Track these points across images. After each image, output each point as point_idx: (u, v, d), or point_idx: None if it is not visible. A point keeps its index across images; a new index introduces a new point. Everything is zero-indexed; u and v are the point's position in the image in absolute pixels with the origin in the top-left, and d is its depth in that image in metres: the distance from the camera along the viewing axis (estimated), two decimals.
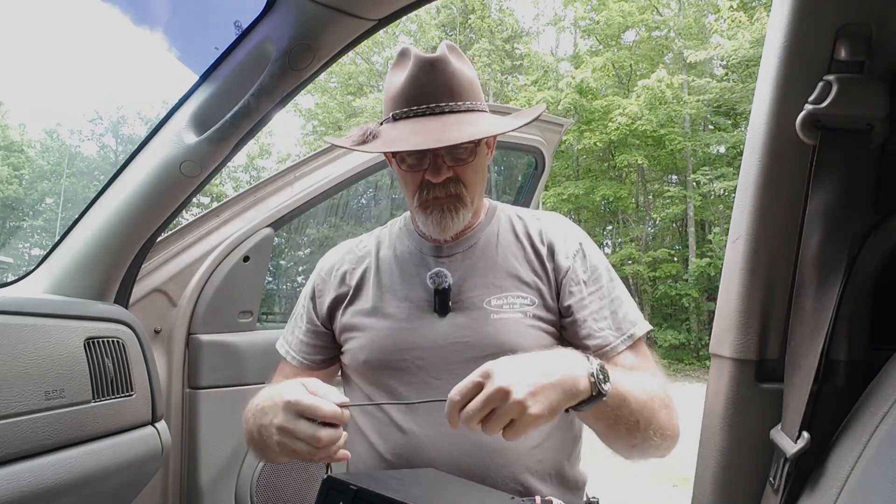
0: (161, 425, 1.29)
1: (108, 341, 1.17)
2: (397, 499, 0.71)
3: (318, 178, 1.77)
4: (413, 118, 0.99)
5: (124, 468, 1.15)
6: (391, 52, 19.40)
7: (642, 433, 0.91)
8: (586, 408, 0.83)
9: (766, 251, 0.72)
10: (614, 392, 0.84)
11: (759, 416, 0.72)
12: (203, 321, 1.62)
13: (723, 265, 0.78)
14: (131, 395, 1.20)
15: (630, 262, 14.85)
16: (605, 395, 0.82)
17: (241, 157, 22.49)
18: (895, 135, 0.65)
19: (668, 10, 16.93)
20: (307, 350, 1.14)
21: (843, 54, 0.65)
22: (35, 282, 1.26)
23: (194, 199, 1.36)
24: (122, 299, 1.36)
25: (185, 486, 1.59)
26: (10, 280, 1.29)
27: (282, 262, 2.95)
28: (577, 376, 0.81)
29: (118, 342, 1.20)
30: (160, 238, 1.46)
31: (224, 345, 1.63)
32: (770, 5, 0.72)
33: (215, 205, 1.77)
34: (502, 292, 1.04)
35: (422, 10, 17.42)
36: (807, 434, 0.63)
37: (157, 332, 1.58)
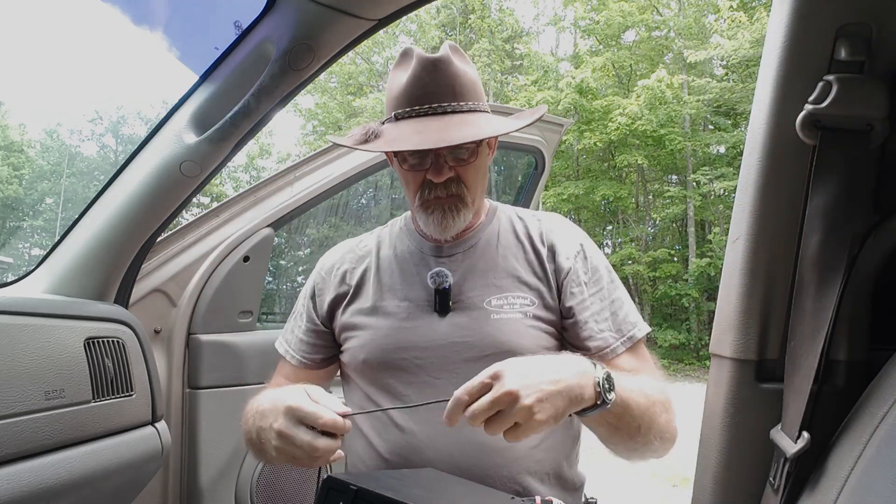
0: (161, 425, 1.29)
1: (108, 341, 1.17)
2: (397, 499, 0.71)
3: (318, 178, 1.77)
4: (415, 118, 0.99)
5: (124, 468, 1.15)
6: (391, 52, 19.40)
7: (643, 437, 0.92)
8: (590, 414, 0.83)
9: (766, 251, 0.72)
10: (618, 400, 0.84)
11: (759, 416, 0.72)
12: (203, 321, 1.62)
13: (723, 265, 0.78)
14: (131, 395, 1.20)
15: (630, 262, 14.85)
16: (609, 404, 0.83)
17: (241, 157, 22.50)
18: (895, 135, 0.65)
19: (668, 10, 16.93)
20: (307, 349, 1.14)
21: (843, 54, 0.65)
22: (35, 282, 1.26)
23: (194, 199, 1.36)
24: (122, 299, 1.36)
25: (185, 486, 1.59)
26: (10, 280, 1.29)
27: (282, 262, 2.95)
28: (584, 384, 0.81)
29: (118, 342, 1.20)
30: (160, 238, 1.47)
31: (224, 345, 1.63)
32: (770, 5, 0.72)
33: (215, 205, 1.77)
34: (502, 292, 1.04)
35: (422, 10, 17.41)
36: (807, 434, 0.63)
37: (157, 332, 1.58)
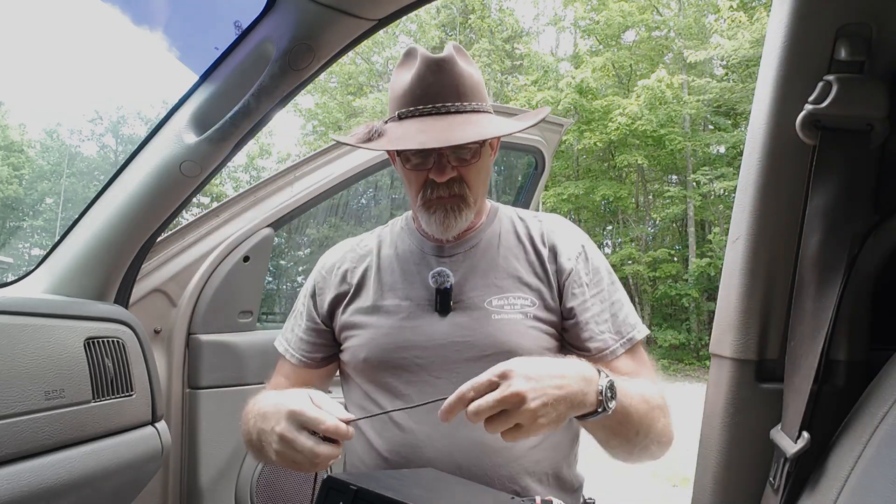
0: (161, 425, 1.29)
1: (108, 341, 1.17)
2: (397, 499, 0.71)
3: (318, 178, 1.77)
4: (419, 117, 0.99)
5: (124, 468, 1.15)
6: (391, 52, 19.40)
7: (641, 442, 0.93)
8: (589, 420, 0.84)
9: (766, 251, 0.72)
10: (619, 406, 0.85)
11: (759, 416, 0.72)
12: (203, 321, 1.62)
13: (723, 265, 0.78)
14: (131, 395, 1.20)
15: (630, 262, 14.85)
16: (610, 411, 0.83)
17: (241, 157, 22.48)
18: (895, 135, 0.65)
19: (668, 10, 16.93)
20: (307, 348, 1.14)
21: (843, 54, 0.65)
22: (35, 282, 1.26)
23: (194, 199, 1.36)
24: (122, 299, 1.36)
25: (185, 486, 1.59)
26: (10, 280, 1.29)
27: (282, 262, 2.95)
28: (587, 391, 0.81)
29: (118, 342, 1.20)
30: (160, 238, 1.47)
31: (224, 345, 1.63)
32: (770, 5, 0.72)
33: (215, 205, 1.77)
34: (503, 293, 1.04)
35: (422, 10, 17.41)
36: (807, 434, 0.63)
37: (157, 332, 1.58)
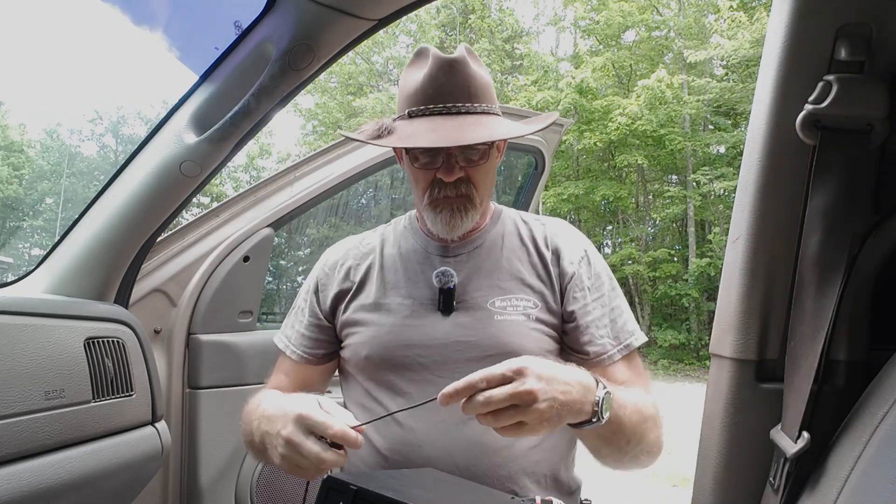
0: (161, 425, 1.29)
1: (108, 341, 1.17)
2: (397, 499, 0.70)
3: (318, 178, 1.77)
4: (429, 116, 0.99)
5: (124, 468, 1.15)
6: (391, 52, 19.41)
7: (631, 451, 0.93)
8: (583, 428, 0.84)
9: (766, 251, 0.72)
10: (612, 417, 0.85)
11: (759, 416, 0.72)
12: (203, 321, 1.62)
13: (723, 265, 0.78)
14: (131, 395, 1.20)
15: (630, 262, 14.85)
16: (603, 422, 0.83)
17: (241, 157, 22.47)
18: (895, 135, 0.65)
19: (668, 10, 16.93)
20: (308, 344, 1.14)
21: (843, 54, 0.65)
22: (35, 282, 1.26)
23: (194, 199, 1.36)
24: (122, 299, 1.36)
25: (185, 486, 1.59)
26: (10, 280, 1.29)
27: (282, 262, 2.95)
28: (584, 401, 0.82)
29: (118, 342, 1.20)
30: (160, 238, 1.47)
31: (224, 345, 1.63)
32: (770, 5, 0.72)
33: (215, 205, 1.77)
34: (506, 294, 1.05)
35: (422, 10, 17.41)
36: (807, 434, 0.63)
37: (157, 332, 1.58)
